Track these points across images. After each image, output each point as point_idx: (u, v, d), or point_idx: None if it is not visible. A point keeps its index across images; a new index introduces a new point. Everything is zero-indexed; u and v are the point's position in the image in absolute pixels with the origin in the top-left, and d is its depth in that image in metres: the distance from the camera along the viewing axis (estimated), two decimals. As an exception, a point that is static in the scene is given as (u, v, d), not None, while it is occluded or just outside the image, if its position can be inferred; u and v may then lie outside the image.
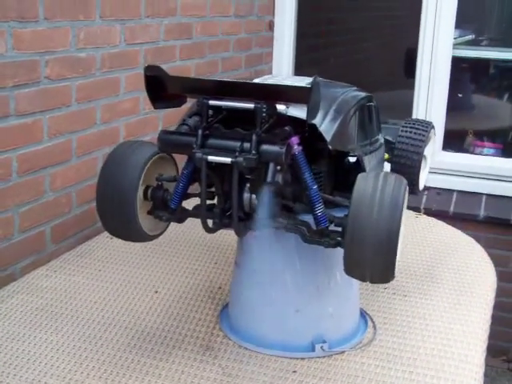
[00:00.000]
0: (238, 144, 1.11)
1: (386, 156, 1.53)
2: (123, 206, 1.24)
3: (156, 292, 1.59)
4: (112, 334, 1.40)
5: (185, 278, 1.67)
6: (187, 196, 1.28)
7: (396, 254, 1.07)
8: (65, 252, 1.80)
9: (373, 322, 1.47)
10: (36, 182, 1.70)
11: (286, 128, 1.14)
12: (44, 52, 1.66)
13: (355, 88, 1.38)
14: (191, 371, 1.27)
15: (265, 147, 1.10)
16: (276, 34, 3.11)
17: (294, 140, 1.13)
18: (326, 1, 4.08)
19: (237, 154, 1.10)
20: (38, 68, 1.65)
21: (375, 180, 1.10)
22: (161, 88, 1.17)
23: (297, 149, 1.14)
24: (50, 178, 1.74)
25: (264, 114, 1.11)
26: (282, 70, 3.12)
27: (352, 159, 1.40)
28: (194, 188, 1.24)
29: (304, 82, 1.28)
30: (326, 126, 1.18)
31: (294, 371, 1.29)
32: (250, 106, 1.11)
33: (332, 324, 1.36)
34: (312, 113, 1.09)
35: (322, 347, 1.33)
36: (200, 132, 1.14)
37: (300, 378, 1.26)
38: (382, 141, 1.49)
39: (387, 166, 1.53)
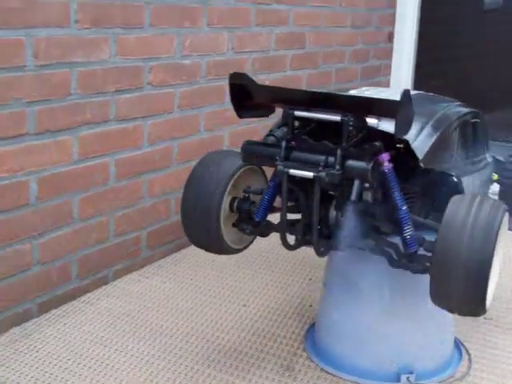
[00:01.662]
0: (322, 158, 1.06)
1: (495, 176, 1.42)
2: (207, 215, 1.21)
3: (244, 306, 1.55)
4: (193, 346, 1.37)
5: (276, 293, 1.62)
6: (274, 209, 1.23)
7: (487, 286, 0.98)
8: (160, 258, 1.80)
9: (468, 355, 1.36)
10: (133, 187, 1.71)
11: (376, 143, 1.06)
12: (148, 58, 1.67)
13: (459, 103, 1.29)
14: (267, 392, 1.23)
15: (350, 162, 1.04)
16: (396, 46, 3.02)
17: (385, 156, 1.06)
18: (449, 11, 3.92)
19: (320, 168, 1.05)
20: (141, 74, 1.66)
21: (470, 203, 1.01)
22: (247, 97, 1.13)
23: (387, 166, 1.06)
24: (147, 184, 1.75)
25: (351, 128, 1.04)
26: (400, 83, 3.02)
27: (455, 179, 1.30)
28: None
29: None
30: (419, 142, 1.10)
31: (377, 401, 1.21)
32: (337, 118, 1.05)
33: (421, 353, 1.26)
34: (401, 127, 1.01)
35: (408, 378, 1.24)
36: (284, 144, 1.09)
37: (381, 410, 1.19)
38: (490, 160, 1.38)
39: (496, 187, 1.42)
